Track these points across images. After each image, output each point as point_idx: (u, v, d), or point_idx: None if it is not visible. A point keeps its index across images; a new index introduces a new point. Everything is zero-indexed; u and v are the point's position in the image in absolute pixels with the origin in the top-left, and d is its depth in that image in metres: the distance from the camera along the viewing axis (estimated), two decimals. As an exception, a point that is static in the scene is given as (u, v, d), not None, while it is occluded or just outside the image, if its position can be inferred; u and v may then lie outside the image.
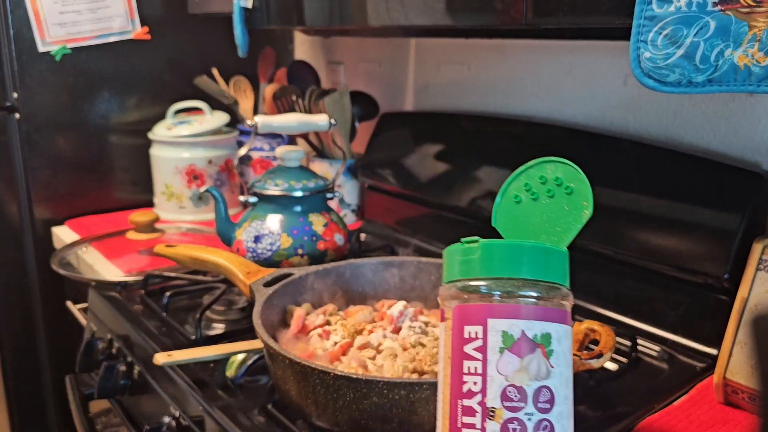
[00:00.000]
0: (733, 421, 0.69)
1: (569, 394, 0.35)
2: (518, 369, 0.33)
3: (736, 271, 0.75)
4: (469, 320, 0.34)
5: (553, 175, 0.39)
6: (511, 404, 0.33)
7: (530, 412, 0.33)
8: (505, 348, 0.33)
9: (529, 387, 0.33)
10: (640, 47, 0.60)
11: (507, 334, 0.33)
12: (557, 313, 0.34)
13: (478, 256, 0.35)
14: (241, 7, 1.11)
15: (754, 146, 0.85)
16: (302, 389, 0.62)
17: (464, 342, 0.34)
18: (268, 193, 1.00)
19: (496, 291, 0.34)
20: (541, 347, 0.33)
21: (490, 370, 0.33)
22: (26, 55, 1.30)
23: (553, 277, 0.35)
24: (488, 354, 0.33)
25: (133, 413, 0.91)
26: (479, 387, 0.33)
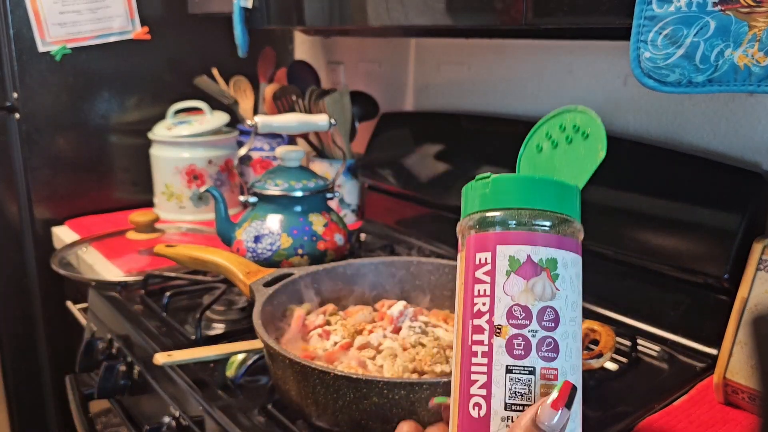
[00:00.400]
0: (733, 421, 0.69)
1: (576, 316, 0.37)
2: (523, 290, 0.36)
3: (736, 271, 0.75)
4: (481, 247, 0.37)
5: (571, 123, 0.42)
6: (516, 322, 0.36)
7: (534, 329, 0.36)
8: (512, 271, 0.36)
9: (534, 306, 0.36)
10: (640, 47, 0.60)
11: (513, 258, 0.36)
12: (565, 241, 0.37)
13: (490, 189, 0.38)
14: (241, 7, 1.11)
15: (754, 146, 0.85)
16: (302, 389, 0.62)
17: (476, 267, 0.37)
18: (268, 193, 1.00)
19: (506, 220, 0.37)
20: (546, 271, 0.36)
21: (497, 291, 0.36)
22: (26, 55, 1.30)
23: (563, 209, 0.38)
24: (496, 277, 0.36)
25: (133, 413, 0.91)
26: (487, 307, 0.36)
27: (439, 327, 0.75)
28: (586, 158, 0.41)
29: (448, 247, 1.14)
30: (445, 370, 0.65)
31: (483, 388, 0.36)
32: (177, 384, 0.77)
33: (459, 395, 0.37)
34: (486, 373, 0.36)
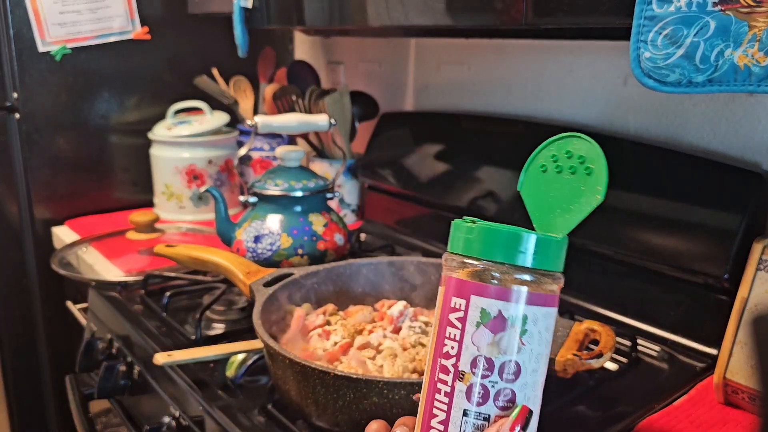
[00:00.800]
0: (733, 421, 0.69)
1: (539, 367, 0.39)
2: (490, 342, 0.38)
3: (736, 271, 0.75)
4: (457, 293, 0.39)
5: (578, 153, 0.41)
6: (479, 371, 0.38)
7: (495, 380, 0.38)
8: (482, 323, 0.38)
9: (497, 359, 0.38)
10: (640, 47, 0.60)
11: (485, 312, 0.38)
12: (540, 297, 0.38)
13: (474, 236, 0.39)
14: (241, 7, 1.11)
15: (754, 146, 0.85)
16: (302, 389, 0.62)
17: (450, 311, 0.39)
18: (268, 193, 1.00)
19: (484, 271, 0.38)
20: (516, 327, 0.38)
21: (465, 339, 0.38)
22: (26, 55, 1.30)
23: (546, 264, 0.39)
24: (467, 326, 0.38)
25: (133, 413, 0.91)
26: (455, 351, 0.38)
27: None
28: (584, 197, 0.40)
29: (448, 247, 1.14)
30: (445, 370, 0.65)
31: (441, 424, 0.39)
32: (177, 384, 0.77)
33: (422, 419, 0.40)
34: (446, 411, 0.38)
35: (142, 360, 0.88)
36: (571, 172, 0.41)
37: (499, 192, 1.05)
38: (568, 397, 0.72)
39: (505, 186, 1.05)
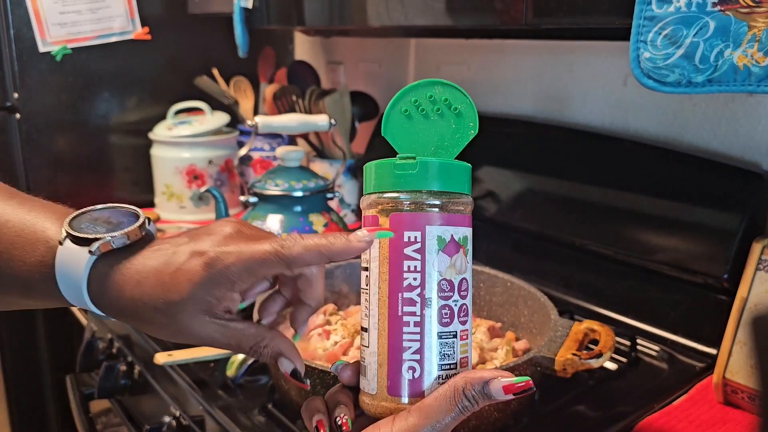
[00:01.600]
0: (732, 420, 0.69)
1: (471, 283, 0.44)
2: (449, 266, 0.41)
3: (735, 271, 0.75)
4: (410, 227, 0.41)
5: (441, 96, 0.45)
6: (444, 294, 0.41)
7: (456, 299, 0.42)
8: (440, 249, 0.41)
9: (455, 279, 0.42)
10: (640, 47, 0.61)
11: (441, 238, 0.41)
12: (469, 219, 0.43)
13: (418, 171, 0.42)
14: (242, 7, 1.11)
15: (754, 146, 0.85)
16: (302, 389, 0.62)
17: (405, 245, 0.41)
18: (268, 193, 1.00)
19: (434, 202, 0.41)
20: (462, 248, 0.42)
21: (428, 267, 0.41)
22: (27, 55, 1.30)
23: (467, 189, 0.43)
24: (426, 255, 0.41)
25: (134, 413, 0.91)
26: (418, 282, 0.41)
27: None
28: (457, 133, 0.44)
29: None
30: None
31: (416, 353, 0.41)
32: (177, 384, 0.78)
33: (389, 360, 0.41)
34: (419, 341, 0.41)
35: (143, 360, 0.88)
36: (439, 115, 0.45)
37: (499, 192, 1.05)
38: (567, 397, 0.72)
39: (505, 186, 1.05)
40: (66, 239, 0.43)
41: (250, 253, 0.41)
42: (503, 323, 0.79)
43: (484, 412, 0.60)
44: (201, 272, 0.41)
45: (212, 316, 0.42)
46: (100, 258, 0.42)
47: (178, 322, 0.42)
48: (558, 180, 0.98)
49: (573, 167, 0.97)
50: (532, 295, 0.76)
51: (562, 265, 0.98)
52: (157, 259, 0.42)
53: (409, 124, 0.45)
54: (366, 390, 0.42)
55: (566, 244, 0.96)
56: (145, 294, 0.41)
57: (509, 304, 0.79)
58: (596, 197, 0.93)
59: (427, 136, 0.45)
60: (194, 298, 0.41)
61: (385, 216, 0.42)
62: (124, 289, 0.42)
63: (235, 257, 0.41)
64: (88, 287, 0.42)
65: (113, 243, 0.42)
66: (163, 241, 0.44)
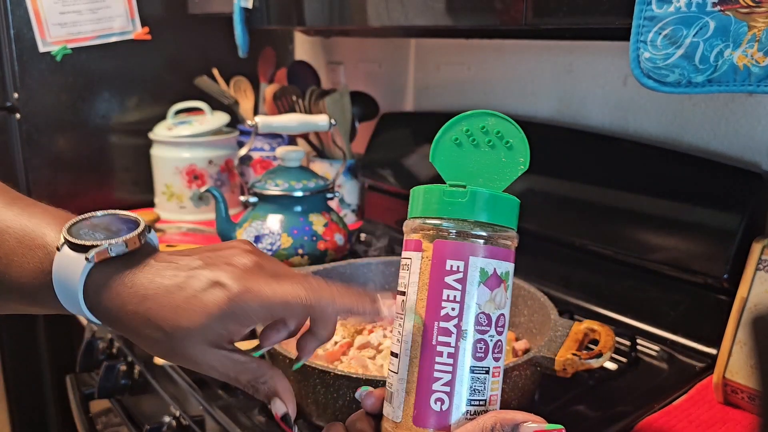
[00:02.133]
0: (732, 420, 0.69)
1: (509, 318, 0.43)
2: (488, 300, 0.41)
3: (735, 271, 0.75)
4: (453, 255, 0.41)
5: (494, 129, 0.44)
6: (480, 328, 0.40)
7: (492, 334, 0.41)
8: (481, 282, 0.40)
9: (494, 314, 0.41)
10: (640, 47, 0.61)
11: (483, 271, 0.41)
12: (512, 255, 0.43)
13: (467, 200, 0.41)
14: (242, 7, 1.12)
15: (753, 146, 0.85)
16: (302, 389, 0.62)
17: (446, 273, 0.40)
18: (268, 193, 1.00)
19: (480, 234, 0.41)
20: (504, 282, 0.41)
21: (467, 299, 0.40)
22: (27, 55, 1.30)
23: (514, 224, 0.43)
24: (467, 286, 0.40)
25: (134, 413, 0.91)
26: (456, 312, 0.40)
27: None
28: (507, 167, 0.43)
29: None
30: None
31: (447, 386, 0.40)
32: (177, 383, 0.78)
33: (417, 389, 0.41)
34: (451, 372, 0.40)
35: (143, 360, 0.88)
36: (490, 146, 0.44)
37: (499, 192, 1.06)
38: (567, 397, 0.72)
39: (505, 186, 1.05)
40: (63, 245, 0.42)
41: (273, 295, 0.40)
42: (503, 323, 0.79)
43: (484, 412, 0.60)
44: (221, 306, 0.40)
45: (217, 346, 0.42)
46: (99, 266, 0.42)
47: (179, 347, 0.41)
48: (558, 180, 0.98)
49: (573, 167, 0.97)
50: (532, 295, 0.76)
51: (562, 265, 0.98)
52: (169, 278, 0.41)
53: (458, 152, 0.44)
54: (390, 417, 0.42)
55: (566, 244, 0.96)
56: (151, 311, 0.40)
57: (509, 304, 0.79)
58: (596, 197, 0.93)
59: (476, 167, 0.44)
60: (206, 329, 0.40)
61: (429, 242, 0.41)
62: (126, 302, 0.41)
63: (257, 298, 0.40)
64: (85, 295, 0.41)
65: (110, 251, 0.41)
66: (173, 258, 0.43)
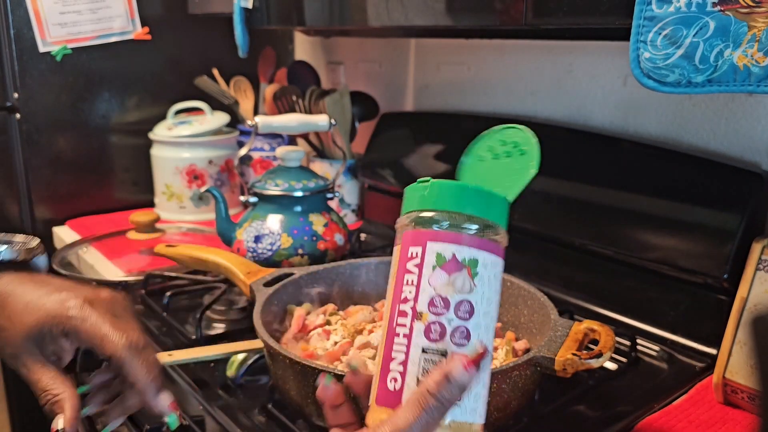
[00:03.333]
0: (732, 420, 0.69)
1: (490, 311, 0.43)
2: (445, 283, 0.41)
3: (735, 271, 0.75)
4: (414, 242, 0.43)
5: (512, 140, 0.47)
6: (436, 310, 0.41)
7: (450, 317, 0.41)
8: (437, 266, 0.41)
9: (453, 298, 0.41)
10: (640, 47, 0.61)
11: (440, 255, 0.42)
12: (488, 244, 0.42)
13: (428, 192, 0.43)
14: (242, 7, 1.12)
15: (753, 146, 0.85)
16: (302, 389, 0.62)
17: (407, 260, 0.43)
18: (268, 193, 1.00)
19: (438, 220, 0.42)
20: (468, 269, 0.41)
21: (423, 282, 0.42)
22: (27, 55, 1.30)
23: (490, 216, 0.43)
24: (423, 269, 0.42)
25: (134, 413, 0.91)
26: (413, 295, 0.42)
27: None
28: (519, 173, 0.46)
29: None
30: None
31: (401, 365, 0.41)
32: (177, 384, 0.78)
33: (380, 371, 0.42)
34: (405, 353, 0.41)
35: (143, 360, 0.88)
36: (507, 156, 0.47)
37: (499, 192, 1.06)
38: (567, 397, 0.72)
39: (505, 186, 1.05)
40: None
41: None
42: (503, 323, 0.79)
43: (484, 412, 0.60)
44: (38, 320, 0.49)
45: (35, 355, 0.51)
46: None
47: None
48: (558, 180, 0.98)
49: (573, 167, 0.97)
50: (532, 295, 0.76)
51: (562, 265, 0.98)
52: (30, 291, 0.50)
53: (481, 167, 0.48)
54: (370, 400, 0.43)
55: (566, 244, 0.96)
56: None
57: (509, 304, 0.79)
58: (596, 197, 0.93)
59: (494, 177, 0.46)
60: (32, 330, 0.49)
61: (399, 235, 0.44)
62: None
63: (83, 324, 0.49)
64: None
65: None
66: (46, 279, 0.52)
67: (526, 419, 0.67)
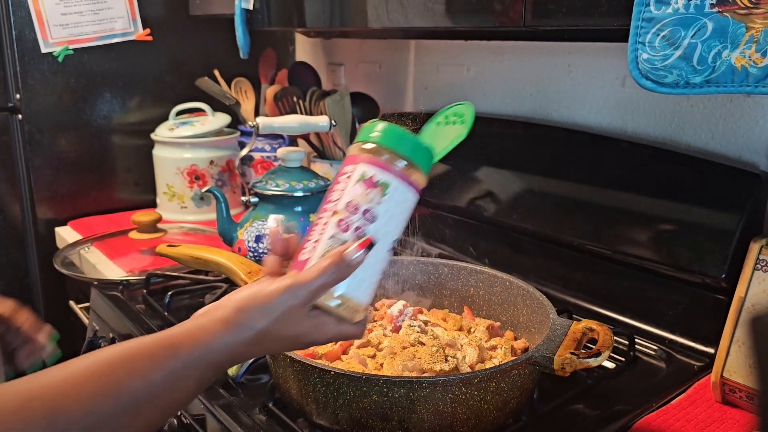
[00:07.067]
0: (730, 419, 0.69)
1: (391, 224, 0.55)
2: (360, 194, 0.53)
3: (733, 271, 0.76)
4: (351, 162, 0.55)
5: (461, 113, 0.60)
6: (349, 210, 0.53)
7: (358, 218, 0.53)
8: (359, 180, 0.53)
9: (362, 205, 0.53)
10: (638, 48, 0.61)
11: (364, 174, 0.53)
12: (404, 177, 0.54)
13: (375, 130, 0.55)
14: (243, 8, 1.12)
15: (752, 147, 0.86)
16: (303, 388, 0.62)
17: (343, 173, 0.54)
18: (269, 193, 1.01)
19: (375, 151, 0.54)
20: (381, 188, 0.53)
21: (348, 189, 0.54)
22: (29, 56, 1.31)
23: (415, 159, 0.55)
24: (350, 181, 0.54)
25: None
26: (337, 197, 0.54)
27: (438, 326, 0.76)
28: (456, 136, 0.61)
29: (447, 247, 1.15)
30: (444, 369, 0.66)
31: (314, 244, 0.53)
32: (179, 383, 0.78)
33: (301, 245, 0.54)
34: (319, 235, 0.53)
35: (144, 359, 0.88)
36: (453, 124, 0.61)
37: (498, 192, 1.06)
38: (566, 396, 0.73)
39: (504, 186, 1.05)
40: None
41: None
42: (502, 322, 0.80)
43: (483, 412, 0.61)
44: None
45: None
46: None
47: None
48: (557, 180, 0.99)
49: (571, 168, 0.98)
50: (531, 294, 0.76)
51: (561, 264, 0.98)
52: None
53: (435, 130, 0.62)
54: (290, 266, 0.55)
55: (565, 244, 0.96)
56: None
57: (508, 303, 0.80)
58: (595, 197, 0.94)
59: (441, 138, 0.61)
60: None
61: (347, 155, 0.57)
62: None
63: None
64: None
65: None
66: None
67: (525, 418, 0.68)
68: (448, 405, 0.59)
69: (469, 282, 0.83)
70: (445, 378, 0.59)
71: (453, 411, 0.59)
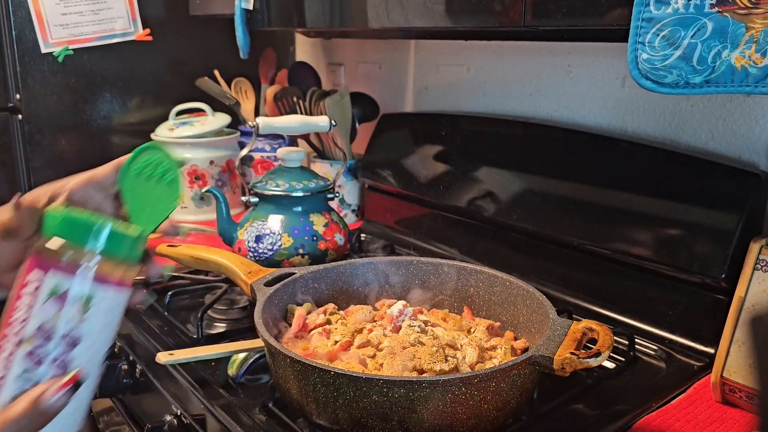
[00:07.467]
0: (730, 419, 0.69)
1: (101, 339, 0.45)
2: (54, 314, 0.43)
3: (733, 271, 0.76)
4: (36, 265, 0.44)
5: (162, 163, 0.49)
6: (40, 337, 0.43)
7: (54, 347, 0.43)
8: (52, 296, 0.43)
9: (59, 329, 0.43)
10: (638, 48, 0.61)
11: (56, 287, 0.43)
12: (108, 278, 0.45)
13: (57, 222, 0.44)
14: (243, 8, 1.12)
15: (751, 147, 0.86)
16: (303, 388, 0.62)
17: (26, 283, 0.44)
18: (269, 193, 1.01)
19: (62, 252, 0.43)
20: (81, 304, 0.43)
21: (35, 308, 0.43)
22: (28, 56, 1.31)
23: (117, 252, 0.45)
24: (39, 296, 0.43)
25: (135, 412, 0.92)
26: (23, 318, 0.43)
27: (438, 326, 0.76)
28: (164, 202, 0.48)
29: (447, 247, 1.15)
30: (444, 369, 0.66)
31: (2, 379, 0.43)
32: (179, 382, 0.78)
33: None
34: (5, 369, 0.43)
35: (144, 359, 0.88)
36: (157, 181, 0.49)
37: (498, 192, 1.06)
38: (566, 396, 0.73)
39: (504, 186, 1.05)
40: None
41: None
42: (502, 322, 0.80)
43: (483, 412, 0.61)
44: None
45: None
46: None
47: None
48: (556, 180, 0.99)
49: (571, 168, 0.98)
50: (531, 294, 0.76)
51: (561, 264, 0.98)
52: None
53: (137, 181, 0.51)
54: None
55: (565, 243, 0.96)
56: None
57: (508, 303, 0.80)
58: (594, 197, 0.94)
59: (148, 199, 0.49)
60: None
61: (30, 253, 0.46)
62: None
63: None
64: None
65: None
66: None
67: (525, 418, 0.68)
68: (448, 405, 0.59)
69: (469, 282, 0.83)
70: (445, 378, 0.59)
71: (453, 411, 0.59)
